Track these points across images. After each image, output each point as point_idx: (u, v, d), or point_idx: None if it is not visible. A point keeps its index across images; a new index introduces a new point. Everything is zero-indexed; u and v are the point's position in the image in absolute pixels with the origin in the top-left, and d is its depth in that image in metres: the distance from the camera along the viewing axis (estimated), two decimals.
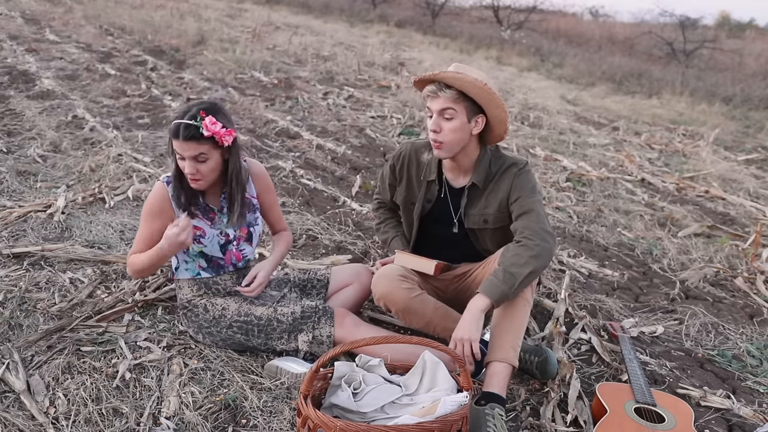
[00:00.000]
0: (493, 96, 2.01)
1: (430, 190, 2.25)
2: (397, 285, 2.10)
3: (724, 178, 5.06)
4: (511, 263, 1.95)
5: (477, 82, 1.98)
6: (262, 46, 9.57)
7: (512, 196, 2.11)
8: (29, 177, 3.65)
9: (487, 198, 2.17)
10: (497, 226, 2.18)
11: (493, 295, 1.91)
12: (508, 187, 2.12)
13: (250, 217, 2.20)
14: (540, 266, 1.97)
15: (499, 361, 1.93)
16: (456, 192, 2.22)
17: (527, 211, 2.06)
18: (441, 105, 2.02)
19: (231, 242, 2.13)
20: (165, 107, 5.58)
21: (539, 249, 1.97)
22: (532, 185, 2.12)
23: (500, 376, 1.91)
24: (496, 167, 2.16)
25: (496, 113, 2.05)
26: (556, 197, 4.24)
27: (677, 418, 1.83)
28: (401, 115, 6.12)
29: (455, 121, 2.02)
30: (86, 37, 9.02)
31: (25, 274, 2.52)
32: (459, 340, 1.89)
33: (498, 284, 1.93)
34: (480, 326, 1.90)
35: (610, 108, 7.96)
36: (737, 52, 13.75)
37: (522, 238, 2.01)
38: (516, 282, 1.92)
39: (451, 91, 2.00)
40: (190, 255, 2.11)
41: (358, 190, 3.99)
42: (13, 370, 1.93)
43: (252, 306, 2.12)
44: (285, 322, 2.09)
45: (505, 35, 14.52)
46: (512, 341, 1.96)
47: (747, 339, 2.61)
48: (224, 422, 1.82)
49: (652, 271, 3.24)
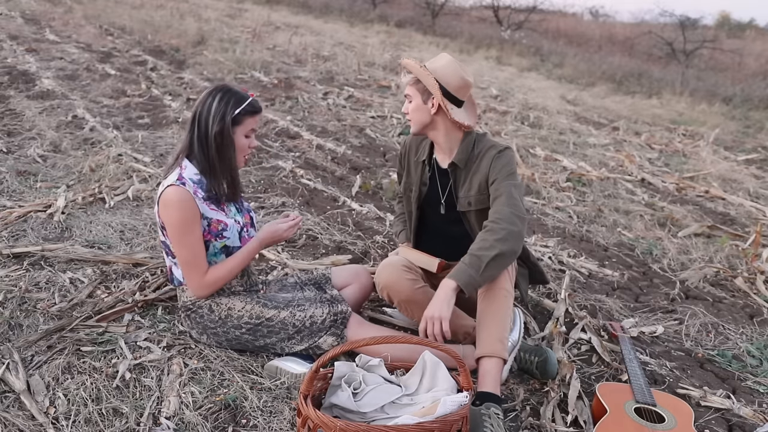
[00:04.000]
0: (427, 78, 2.14)
1: (424, 171, 2.34)
2: (402, 275, 2.14)
3: (724, 178, 5.06)
4: (477, 247, 1.98)
5: (416, 66, 2.16)
6: (262, 46, 9.58)
7: (490, 178, 2.16)
8: (29, 177, 3.65)
9: (470, 180, 2.22)
10: (479, 208, 2.21)
11: (459, 279, 1.93)
12: (487, 169, 2.17)
13: (246, 204, 2.24)
14: (507, 249, 1.98)
15: (489, 356, 1.94)
16: (443, 172, 2.29)
17: (500, 195, 2.09)
18: (405, 89, 2.23)
19: (243, 229, 2.13)
20: (165, 107, 5.58)
21: (505, 233, 1.98)
22: (509, 168, 2.15)
23: (492, 373, 1.91)
24: (477, 149, 2.23)
25: (434, 92, 2.15)
26: (556, 197, 4.24)
27: (677, 418, 1.83)
28: (401, 115, 6.12)
29: (414, 102, 2.20)
30: (86, 37, 9.02)
31: (25, 274, 2.52)
32: (429, 318, 1.90)
33: (465, 268, 1.94)
34: (451, 306, 1.91)
35: (610, 108, 7.96)
36: (737, 52, 13.75)
37: (489, 223, 2.03)
38: (482, 264, 1.94)
39: (409, 76, 2.20)
40: (210, 254, 2.07)
41: (358, 190, 3.99)
42: (13, 370, 1.93)
43: (264, 308, 2.10)
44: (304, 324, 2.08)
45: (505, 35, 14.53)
46: (498, 334, 1.97)
47: (747, 339, 2.61)
48: (224, 422, 1.82)
49: (652, 271, 3.24)
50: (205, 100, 2.01)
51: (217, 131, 1.97)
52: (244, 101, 2.01)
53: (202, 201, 2.01)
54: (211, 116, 1.98)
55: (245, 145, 2.06)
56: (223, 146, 1.99)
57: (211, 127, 1.98)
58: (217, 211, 2.06)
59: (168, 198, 1.96)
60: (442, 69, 2.15)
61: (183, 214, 1.95)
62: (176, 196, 1.94)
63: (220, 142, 1.99)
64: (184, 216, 1.95)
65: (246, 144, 2.06)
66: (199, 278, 2.01)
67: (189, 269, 2.01)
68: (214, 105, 1.98)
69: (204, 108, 2.00)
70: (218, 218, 2.04)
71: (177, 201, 1.94)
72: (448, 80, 2.14)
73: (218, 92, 2.01)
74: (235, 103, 2.00)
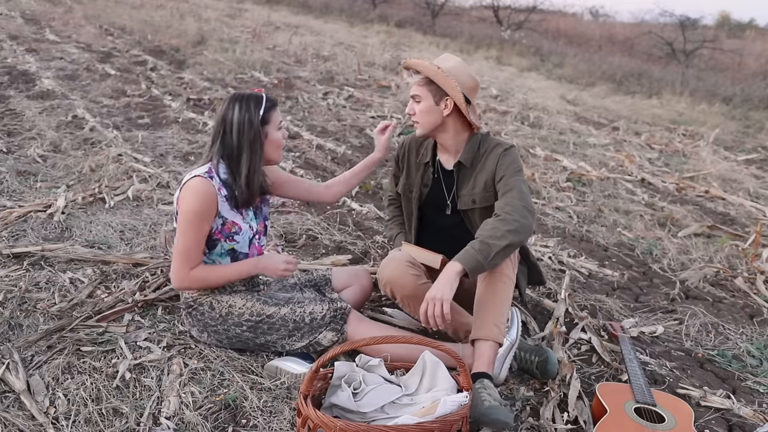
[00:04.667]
0: (446, 79, 2.11)
1: (426, 173, 2.33)
2: (406, 271, 2.14)
3: (724, 178, 5.06)
4: (488, 235, 1.97)
5: (432, 67, 2.13)
6: (262, 46, 9.57)
7: (497, 175, 2.16)
8: (29, 177, 3.65)
9: (475, 178, 2.23)
10: (483, 205, 2.22)
11: (467, 264, 1.92)
12: (494, 166, 2.18)
13: (266, 210, 2.23)
14: (517, 240, 1.99)
15: (483, 339, 1.95)
16: (448, 174, 2.28)
17: (510, 189, 2.10)
18: (412, 90, 2.20)
19: (255, 236, 2.14)
20: (165, 107, 5.58)
21: (517, 224, 1.99)
22: (516, 165, 2.17)
23: (486, 354, 1.93)
24: (483, 148, 2.24)
25: (454, 94, 2.13)
26: (556, 197, 4.24)
27: (677, 418, 1.83)
28: (401, 115, 6.12)
29: (423, 103, 2.17)
30: (86, 37, 9.02)
31: (25, 274, 2.52)
32: (431, 300, 1.89)
33: (473, 254, 1.94)
34: (453, 288, 1.90)
35: (610, 108, 7.96)
36: (737, 52, 13.75)
37: (502, 213, 2.03)
38: (491, 253, 1.94)
39: (418, 76, 2.18)
40: (215, 254, 2.08)
41: (358, 190, 3.99)
42: (13, 370, 1.93)
43: (265, 306, 2.11)
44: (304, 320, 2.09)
45: (505, 35, 14.53)
46: (495, 318, 1.98)
47: (747, 339, 2.61)
48: (224, 422, 1.82)
49: (652, 271, 3.24)
50: (226, 113, 2.02)
51: (252, 138, 2.00)
52: (261, 100, 2.04)
53: (223, 199, 2.02)
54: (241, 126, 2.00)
55: (280, 139, 2.09)
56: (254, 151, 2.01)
57: (243, 136, 2.00)
58: (236, 213, 2.07)
59: (192, 186, 1.97)
60: (455, 69, 2.14)
61: (200, 205, 1.96)
62: (201, 187, 1.96)
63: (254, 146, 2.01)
64: (200, 207, 1.96)
65: (280, 137, 2.10)
66: (185, 270, 2.01)
67: (179, 259, 2.01)
68: (236, 114, 2.00)
69: (228, 120, 2.01)
70: (234, 220, 2.05)
71: (200, 191, 1.96)
72: (463, 81, 2.14)
73: (236, 102, 2.02)
74: (256, 105, 2.02)
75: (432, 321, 1.88)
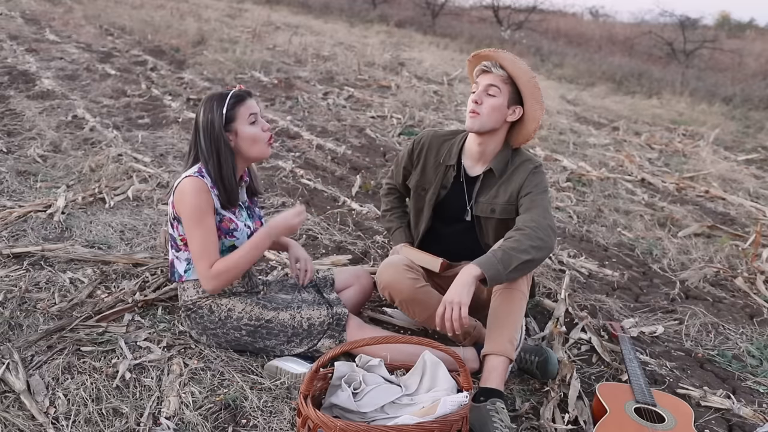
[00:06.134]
0: (537, 90, 2.11)
1: (447, 176, 2.28)
2: (403, 275, 2.12)
3: (724, 178, 5.07)
4: (512, 247, 1.96)
5: (529, 72, 2.11)
6: (262, 46, 9.57)
7: (523, 191, 2.15)
8: (29, 177, 3.65)
9: (498, 188, 2.21)
10: (502, 217, 2.20)
11: (487, 270, 1.91)
12: (522, 181, 2.16)
13: (258, 210, 2.24)
14: (538, 257, 1.98)
15: (497, 354, 1.93)
16: (470, 180, 2.26)
17: (536, 207, 2.09)
18: (489, 81, 2.13)
19: (253, 233, 2.13)
20: (165, 107, 5.58)
21: (541, 242, 1.98)
22: (544, 185, 2.17)
23: (498, 370, 1.91)
24: (514, 160, 2.23)
25: (534, 108, 2.13)
26: (556, 197, 4.24)
27: (677, 418, 1.83)
28: (401, 115, 6.12)
29: (497, 99, 2.12)
30: (86, 37, 9.02)
31: (25, 274, 2.52)
32: (449, 303, 1.87)
33: (495, 262, 1.92)
34: (471, 292, 1.88)
35: (610, 108, 7.96)
36: (737, 52, 13.76)
37: (526, 228, 2.01)
38: (512, 265, 1.93)
39: (502, 71, 2.12)
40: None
41: (358, 190, 3.99)
42: (13, 370, 1.92)
43: (264, 310, 2.10)
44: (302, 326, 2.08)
45: (505, 35, 14.52)
46: (509, 334, 1.96)
47: (747, 339, 2.61)
48: (224, 422, 1.82)
49: (652, 271, 3.24)
50: (197, 115, 2.03)
51: (216, 139, 1.99)
52: (224, 98, 2.01)
53: (215, 197, 2.02)
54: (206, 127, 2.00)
55: (256, 133, 2.03)
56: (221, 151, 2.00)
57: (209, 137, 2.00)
58: (229, 212, 2.07)
59: (185, 186, 1.98)
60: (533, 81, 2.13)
61: (198, 201, 1.96)
62: (193, 185, 1.96)
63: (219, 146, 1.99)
64: (198, 203, 1.96)
65: (255, 131, 2.03)
66: (205, 269, 2.00)
67: (198, 261, 2.00)
68: (201, 117, 2.01)
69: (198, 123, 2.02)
70: (230, 217, 2.06)
71: (194, 189, 1.96)
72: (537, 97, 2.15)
73: (203, 105, 2.03)
74: (218, 104, 2.00)
75: (449, 325, 1.86)
